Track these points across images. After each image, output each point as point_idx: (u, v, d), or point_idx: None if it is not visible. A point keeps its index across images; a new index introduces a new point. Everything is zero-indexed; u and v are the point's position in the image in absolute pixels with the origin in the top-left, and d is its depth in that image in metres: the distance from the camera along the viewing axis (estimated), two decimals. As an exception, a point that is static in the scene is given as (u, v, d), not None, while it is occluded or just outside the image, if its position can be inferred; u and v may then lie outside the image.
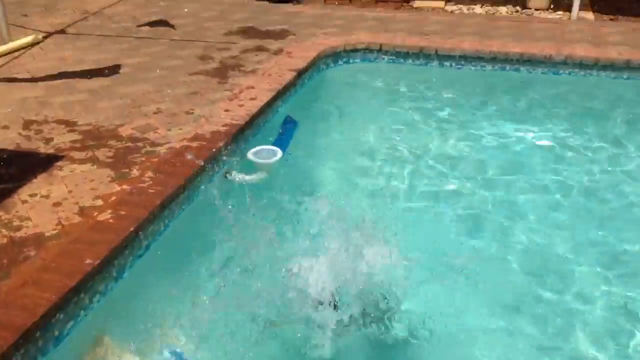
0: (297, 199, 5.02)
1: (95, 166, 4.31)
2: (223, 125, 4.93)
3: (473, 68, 7.01)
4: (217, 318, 3.58)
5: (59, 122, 4.99)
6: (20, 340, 2.83)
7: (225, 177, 4.61)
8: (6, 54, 6.52)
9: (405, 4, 9.24)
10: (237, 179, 4.63)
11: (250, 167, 4.75)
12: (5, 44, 6.67)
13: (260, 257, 4.19)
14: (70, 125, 4.94)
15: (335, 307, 3.38)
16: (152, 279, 3.76)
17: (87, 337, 3.29)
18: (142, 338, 3.47)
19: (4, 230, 3.57)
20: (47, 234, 3.53)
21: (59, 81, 5.87)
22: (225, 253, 4.27)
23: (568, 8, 8.66)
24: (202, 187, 4.37)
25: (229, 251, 4.30)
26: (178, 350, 3.39)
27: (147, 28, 7.76)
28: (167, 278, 3.86)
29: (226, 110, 5.22)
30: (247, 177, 4.67)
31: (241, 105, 5.32)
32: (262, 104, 5.37)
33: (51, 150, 4.50)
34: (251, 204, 4.78)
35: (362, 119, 6.23)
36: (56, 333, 3.07)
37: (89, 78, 5.96)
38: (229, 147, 4.70)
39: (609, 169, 5.38)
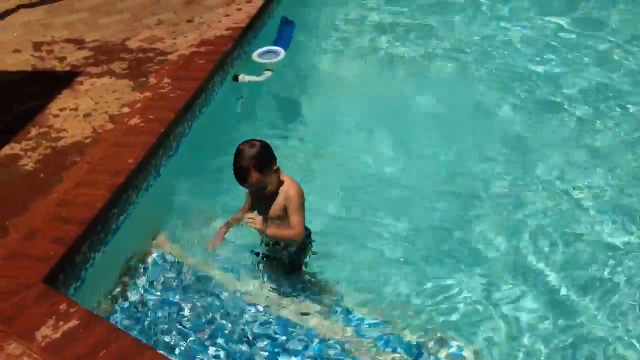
0: (305, 91, 5.34)
1: (113, 78, 4.53)
2: (226, 30, 5.11)
3: None
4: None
5: (67, 41, 5.15)
6: (85, 233, 3.16)
7: (236, 79, 4.84)
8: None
9: None
10: (247, 80, 4.86)
11: (256, 68, 4.97)
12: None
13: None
14: (78, 43, 5.10)
15: None
16: (183, 175, 4.08)
17: (139, 228, 3.64)
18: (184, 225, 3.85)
19: (44, 142, 3.84)
20: (85, 142, 3.81)
21: (55, 3, 5.96)
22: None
23: None
24: (216, 89, 4.62)
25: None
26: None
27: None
28: (195, 174, 4.19)
29: (226, 15, 5.39)
30: (256, 78, 4.89)
31: (239, 10, 5.49)
32: (259, 4, 5.53)
33: (68, 68, 4.70)
34: (263, 101, 5.10)
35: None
36: (113, 226, 3.40)
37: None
38: (235, 49, 4.91)
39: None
